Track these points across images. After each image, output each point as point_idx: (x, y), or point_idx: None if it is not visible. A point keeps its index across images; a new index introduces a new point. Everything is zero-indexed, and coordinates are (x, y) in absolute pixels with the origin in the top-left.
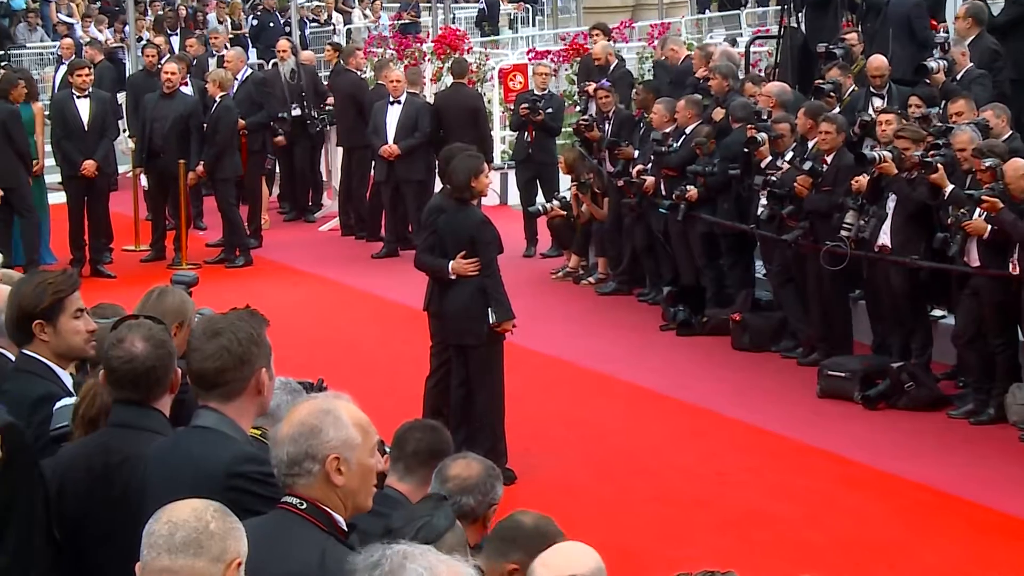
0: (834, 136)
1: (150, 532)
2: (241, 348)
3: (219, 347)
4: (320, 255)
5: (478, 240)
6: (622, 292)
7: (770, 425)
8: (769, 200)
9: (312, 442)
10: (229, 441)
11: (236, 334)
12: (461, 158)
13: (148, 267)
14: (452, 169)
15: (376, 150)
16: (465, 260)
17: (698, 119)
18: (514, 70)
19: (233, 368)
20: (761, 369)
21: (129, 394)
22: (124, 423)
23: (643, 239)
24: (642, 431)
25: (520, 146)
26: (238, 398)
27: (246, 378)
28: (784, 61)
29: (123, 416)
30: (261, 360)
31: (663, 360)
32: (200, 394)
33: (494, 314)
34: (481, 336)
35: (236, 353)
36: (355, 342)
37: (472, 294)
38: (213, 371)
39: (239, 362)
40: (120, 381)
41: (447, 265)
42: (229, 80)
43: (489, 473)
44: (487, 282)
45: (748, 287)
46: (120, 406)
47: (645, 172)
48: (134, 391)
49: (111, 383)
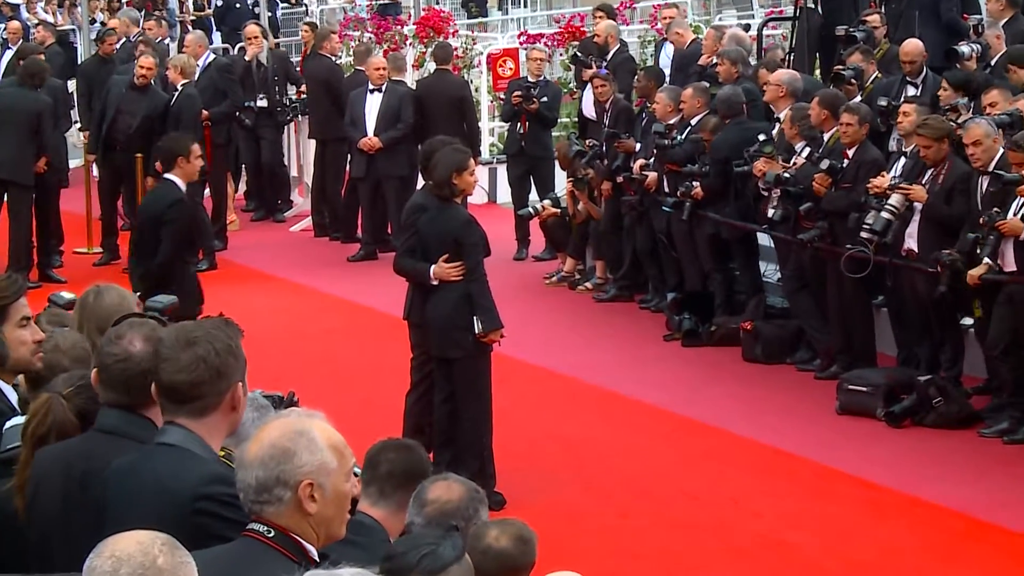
0: (856, 128)
1: (91, 568)
2: (219, 359)
3: (195, 358)
4: (291, 258)
5: (463, 242)
6: (622, 298)
7: (785, 445)
8: (782, 199)
9: (284, 467)
10: (197, 460)
11: (213, 344)
12: (444, 152)
13: (101, 271)
14: (434, 164)
15: (354, 143)
16: (448, 264)
17: (705, 109)
18: (504, 55)
19: (209, 381)
20: (775, 383)
21: (119, 397)
22: (111, 429)
23: (645, 240)
24: (645, 452)
25: (512, 138)
26: (211, 414)
27: (222, 392)
28: (800, 45)
29: (111, 421)
30: (238, 374)
31: (667, 373)
32: (168, 409)
33: (480, 323)
34: (466, 347)
35: (213, 365)
36: (329, 353)
37: (456, 301)
38: (187, 384)
39: (215, 375)
40: (112, 381)
41: (428, 269)
42: (192, 66)
43: (472, 496)
44: (473, 288)
45: (760, 293)
46: (109, 410)
47: (647, 167)
48: (125, 394)
49: (102, 383)
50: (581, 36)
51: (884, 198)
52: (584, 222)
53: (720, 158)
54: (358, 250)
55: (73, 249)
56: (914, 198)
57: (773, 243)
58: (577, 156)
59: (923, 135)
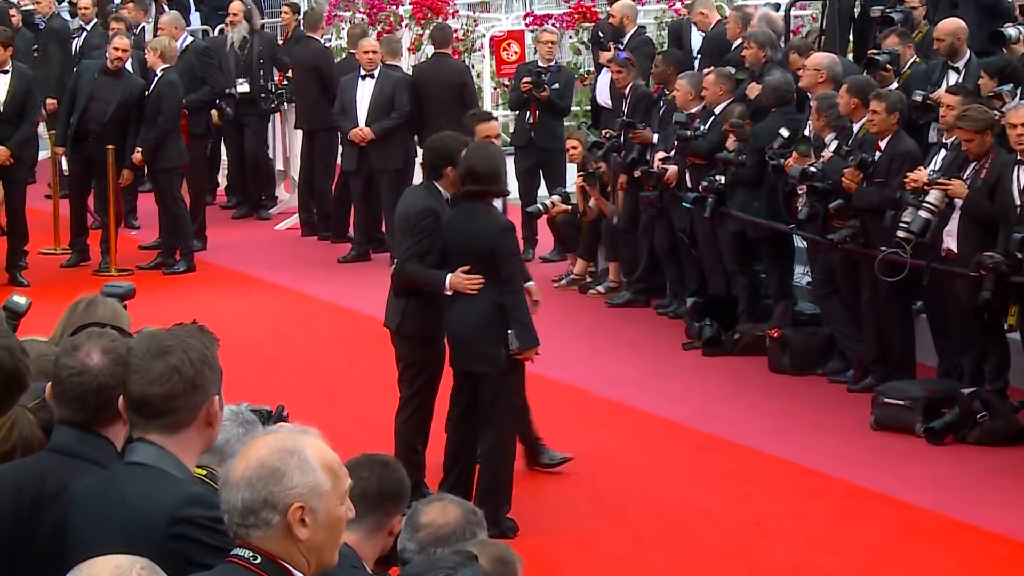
0: (884, 117)
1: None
2: (194, 371)
3: (168, 368)
4: (276, 259)
5: (499, 251)
6: (638, 303)
7: (815, 463)
8: (809, 196)
9: (273, 488)
10: (171, 480)
11: (188, 354)
12: (479, 147)
13: (70, 273)
14: (472, 160)
15: (344, 134)
16: (467, 275)
17: (730, 96)
18: (508, 38)
19: (183, 394)
20: (804, 396)
21: (74, 414)
22: (65, 449)
23: (663, 240)
24: (662, 471)
25: (520, 129)
26: (185, 430)
27: (197, 407)
28: (831, 27)
29: (64, 440)
30: (214, 386)
31: (687, 385)
32: (138, 424)
33: (516, 339)
34: (498, 363)
35: (188, 376)
36: (318, 363)
37: (486, 313)
38: (160, 397)
39: (190, 387)
40: (66, 396)
41: (444, 278)
42: (173, 50)
43: (469, 519)
44: (508, 300)
45: (788, 298)
46: (63, 428)
47: (667, 160)
48: (80, 411)
49: (56, 397)
50: (593, 17)
51: (921, 193)
52: (596, 220)
53: (759, 147)
54: (349, 250)
55: (39, 249)
56: (953, 194)
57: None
58: (593, 147)
59: (964, 127)
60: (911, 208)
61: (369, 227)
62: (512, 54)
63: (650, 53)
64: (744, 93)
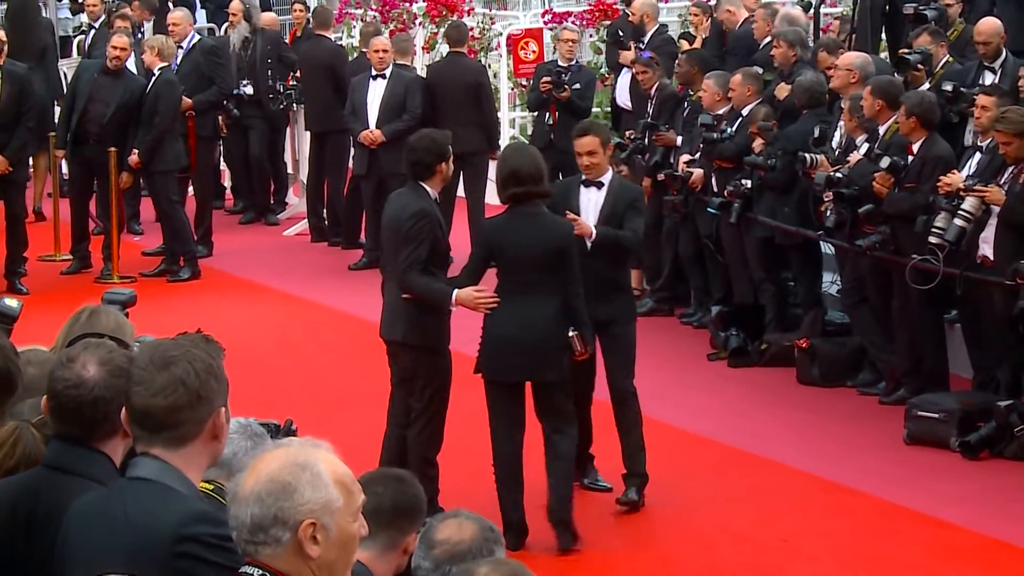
0: (903, 120)
1: None
2: (199, 382)
3: (172, 380)
4: (284, 265)
5: (570, 251)
6: (661, 312)
7: (845, 479)
8: (836, 202)
9: (283, 504)
10: (176, 496)
11: (192, 364)
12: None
13: (70, 281)
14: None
15: (354, 136)
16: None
17: (757, 97)
18: (526, 36)
19: (188, 406)
20: (834, 409)
21: (70, 428)
22: (60, 465)
23: (688, 246)
24: (686, 486)
25: (540, 130)
26: (190, 443)
27: (202, 419)
28: (862, 25)
29: (60, 456)
30: (220, 397)
31: (711, 397)
32: (141, 438)
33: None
34: (563, 369)
35: (193, 388)
36: (328, 373)
37: (558, 317)
38: (164, 409)
39: (196, 399)
40: (61, 410)
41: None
42: (171, 49)
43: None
44: (578, 302)
45: (817, 307)
46: (58, 443)
47: (692, 163)
48: (76, 425)
49: (51, 411)
50: (614, 15)
51: (955, 198)
52: None
53: (791, 150)
54: (360, 257)
55: (38, 256)
56: (990, 200)
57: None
58: (616, 149)
59: (1002, 130)
60: (945, 214)
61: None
62: (530, 53)
63: (672, 52)
64: (772, 94)
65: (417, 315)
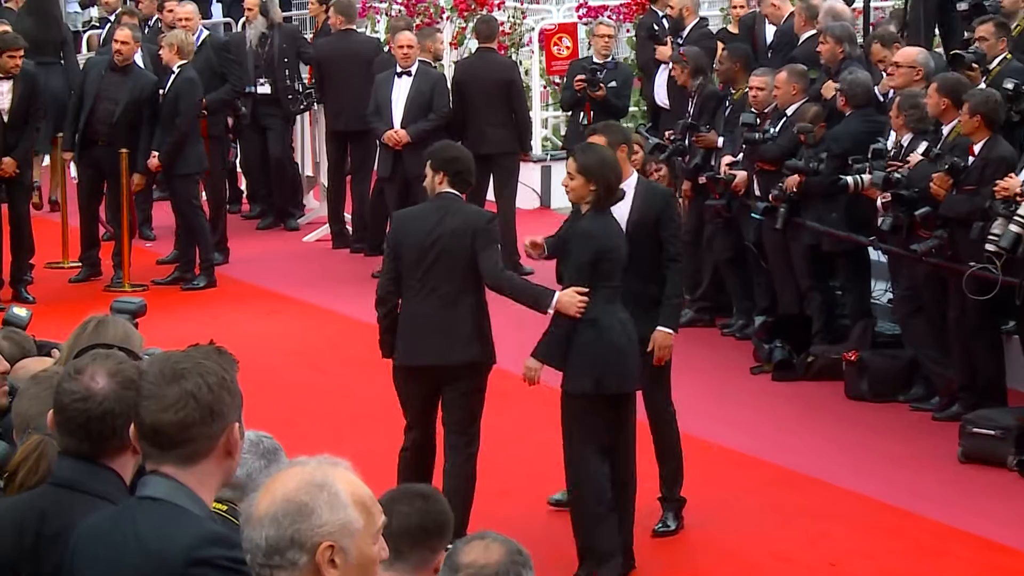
0: (967, 119)
1: None
2: (211, 396)
3: (183, 394)
4: (304, 273)
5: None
6: (701, 323)
7: (897, 499)
8: (893, 204)
9: (300, 526)
10: (188, 517)
11: (204, 378)
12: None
13: (78, 289)
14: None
15: (378, 136)
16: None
17: (803, 96)
18: (559, 32)
19: (200, 422)
20: (885, 425)
21: (78, 443)
22: (68, 483)
23: (729, 253)
24: (728, 506)
25: (574, 131)
26: (202, 461)
27: (215, 435)
28: (915, 18)
29: (68, 473)
30: (233, 412)
31: (755, 413)
32: (151, 455)
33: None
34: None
35: (205, 402)
36: (350, 387)
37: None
38: (174, 425)
39: (208, 414)
40: (69, 424)
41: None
42: (190, 45)
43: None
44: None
45: (867, 317)
46: (66, 460)
47: (734, 165)
48: (84, 440)
49: (58, 426)
50: None
51: (1013, 203)
52: None
53: (838, 152)
54: None
55: (45, 263)
56: None
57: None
58: (655, 151)
59: None
60: (1001, 220)
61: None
62: (564, 49)
63: (712, 48)
64: (819, 92)
65: (487, 330)
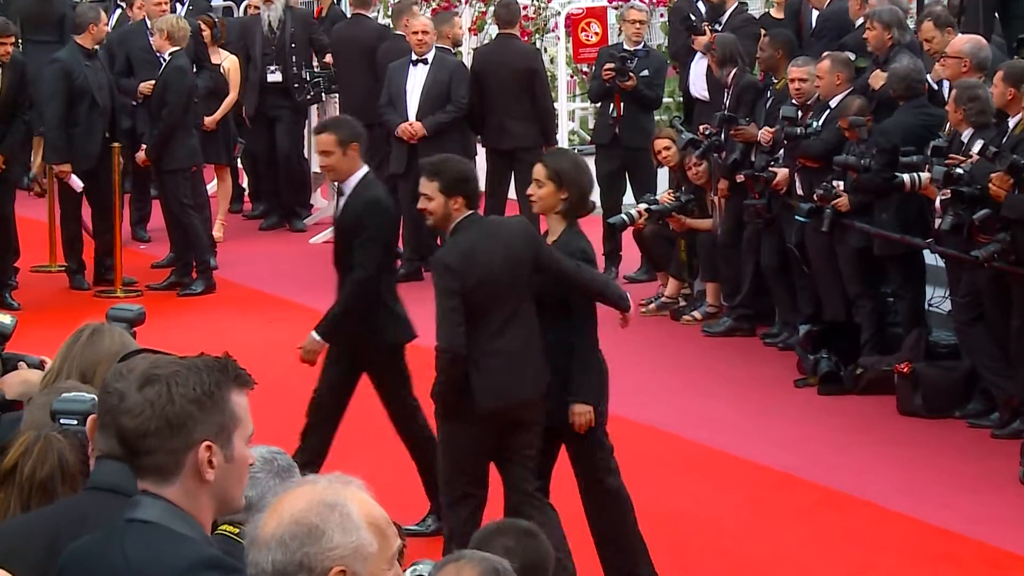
0: None
1: None
2: (172, 408)
3: (142, 400)
4: (310, 277)
5: None
6: (740, 331)
7: (952, 523)
8: (952, 203)
9: (310, 549)
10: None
11: (172, 388)
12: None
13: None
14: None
15: (392, 129)
16: None
17: (847, 87)
18: (587, 16)
19: (155, 433)
20: (940, 442)
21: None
22: (111, 486)
23: (771, 257)
24: (770, 531)
25: (603, 124)
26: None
27: (176, 451)
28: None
29: (110, 477)
30: (205, 431)
31: (799, 429)
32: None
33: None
34: None
35: (163, 412)
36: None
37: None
38: (131, 432)
39: (164, 425)
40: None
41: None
42: (183, 30)
43: None
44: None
45: (921, 326)
46: (107, 463)
47: (775, 162)
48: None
49: (101, 428)
50: None
51: None
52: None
53: (888, 148)
54: (398, 268)
55: (31, 266)
56: None
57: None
58: (688, 146)
59: None
60: None
61: (420, 240)
62: (592, 35)
63: (754, 34)
64: (866, 83)
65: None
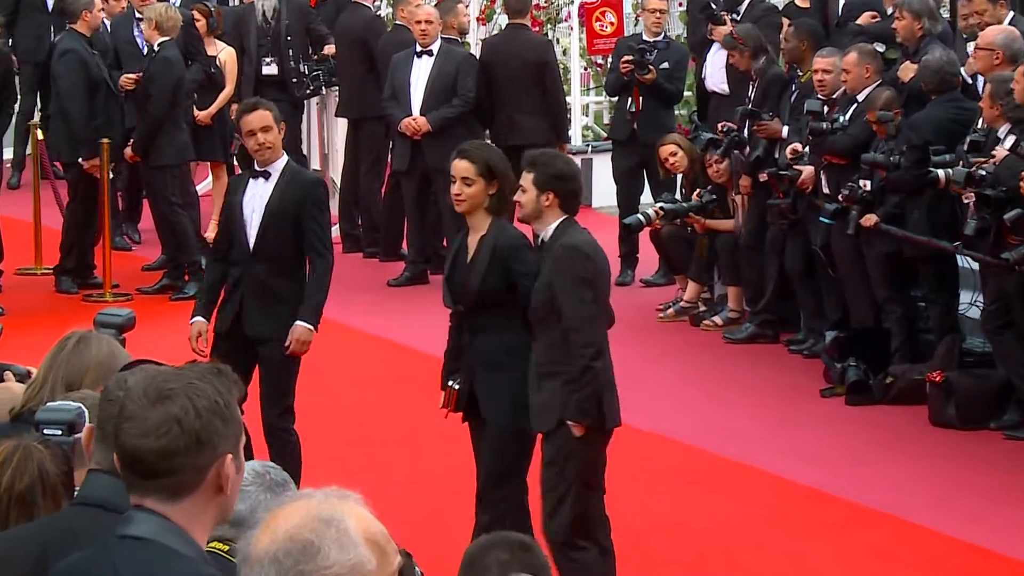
0: None
1: None
2: (199, 422)
3: (166, 418)
4: None
5: None
6: (764, 338)
7: (986, 540)
8: (978, 204)
9: (305, 567)
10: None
11: (193, 401)
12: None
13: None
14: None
15: (395, 124)
16: None
17: (876, 79)
18: (602, 6)
19: (184, 451)
20: (973, 455)
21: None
22: (100, 502)
23: (796, 260)
24: (796, 548)
25: (620, 119)
26: (188, 496)
27: (202, 468)
28: None
29: (100, 492)
30: (227, 443)
31: (826, 441)
32: (134, 486)
33: None
34: None
35: (191, 429)
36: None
37: None
38: (155, 453)
39: (194, 442)
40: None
41: None
42: (173, 20)
43: None
44: None
45: (955, 332)
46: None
47: (799, 159)
48: None
49: (99, 441)
50: None
51: None
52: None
53: (918, 143)
54: (402, 271)
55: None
56: None
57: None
58: (709, 146)
59: None
60: None
61: (425, 241)
62: (607, 25)
63: (776, 23)
64: (895, 76)
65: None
